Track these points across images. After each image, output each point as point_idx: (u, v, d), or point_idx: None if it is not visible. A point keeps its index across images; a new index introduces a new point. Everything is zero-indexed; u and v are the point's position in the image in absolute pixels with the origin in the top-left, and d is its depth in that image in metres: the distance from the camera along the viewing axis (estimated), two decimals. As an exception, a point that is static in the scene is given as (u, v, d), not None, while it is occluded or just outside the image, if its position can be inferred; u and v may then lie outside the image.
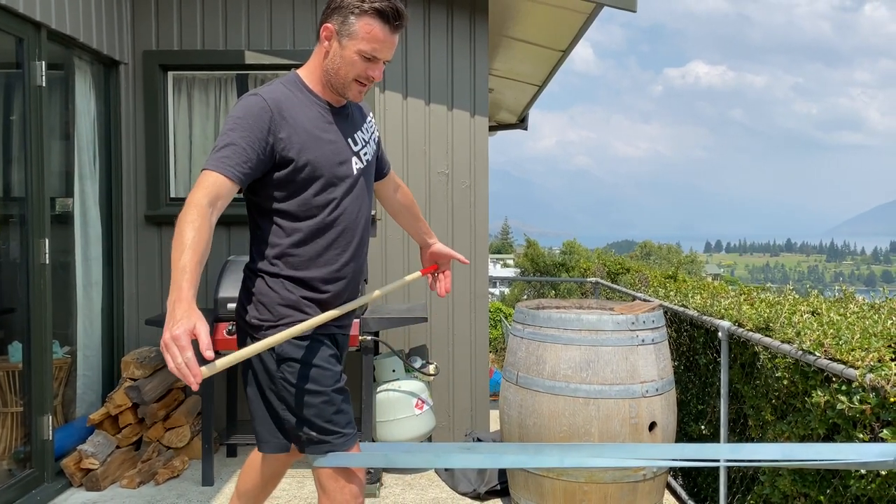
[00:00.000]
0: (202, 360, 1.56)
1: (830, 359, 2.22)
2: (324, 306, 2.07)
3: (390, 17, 1.94)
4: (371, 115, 2.29)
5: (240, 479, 2.40)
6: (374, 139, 2.25)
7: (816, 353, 2.28)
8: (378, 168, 2.33)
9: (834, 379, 2.22)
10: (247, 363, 2.08)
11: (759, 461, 2.33)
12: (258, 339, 2.01)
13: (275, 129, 1.93)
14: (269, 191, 2.00)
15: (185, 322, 1.54)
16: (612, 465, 1.93)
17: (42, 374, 3.52)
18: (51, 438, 3.59)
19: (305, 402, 2.00)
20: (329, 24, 1.97)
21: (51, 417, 3.58)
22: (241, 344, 2.08)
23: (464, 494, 3.64)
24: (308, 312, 2.03)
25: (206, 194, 1.78)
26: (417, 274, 2.46)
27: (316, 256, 2.04)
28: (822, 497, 2.34)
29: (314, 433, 2.01)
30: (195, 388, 1.52)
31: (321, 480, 2.04)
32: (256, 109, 1.92)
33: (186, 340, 1.51)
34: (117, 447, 3.85)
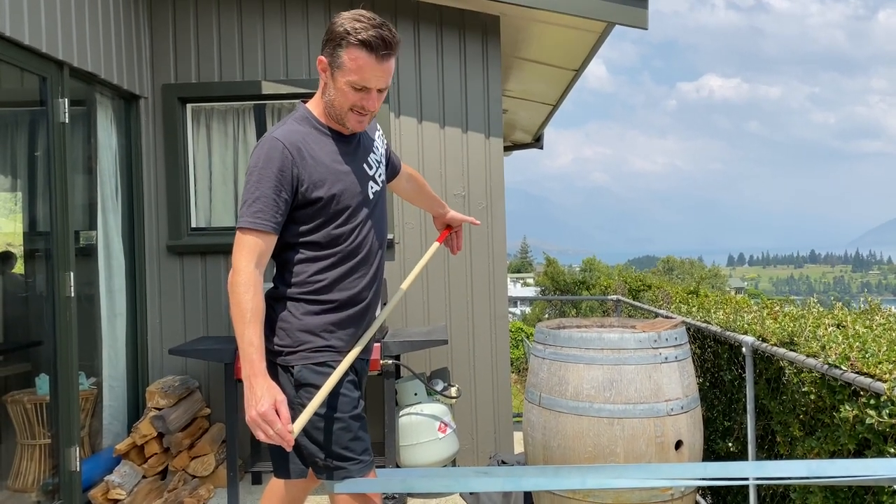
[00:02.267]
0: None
1: (857, 372, 2.19)
2: (344, 328, 2.08)
3: (375, 47, 1.93)
4: (378, 129, 2.32)
5: None
6: (384, 154, 2.30)
7: (843, 367, 2.24)
8: (391, 171, 2.42)
9: (862, 393, 2.18)
10: None
11: (786, 479, 2.29)
12: (279, 365, 2.05)
13: (297, 172, 1.97)
14: (294, 227, 2.04)
15: (267, 398, 1.79)
16: (634, 485, 1.90)
17: (69, 406, 3.56)
18: (78, 469, 3.61)
19: (322, 427, 2.01)
20: (322, 57, 2.00)
21: (78, 449, 3.61)
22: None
23: (490, 518, 3.61)
24: (325, 338, 2.05)
25: (250, 258, 1.90)
26: (436, 245, 2.56)
27: (339, 281, 2.07)
28: (855, 514, 2.29)
29: (331, 459, 2.02)
30: (289, 449, 1.84)
31: None
32: (277, 155, 1.95)
33: (273, 415, 1.77)
34: (144, 477, 3.87)
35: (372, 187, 2.14)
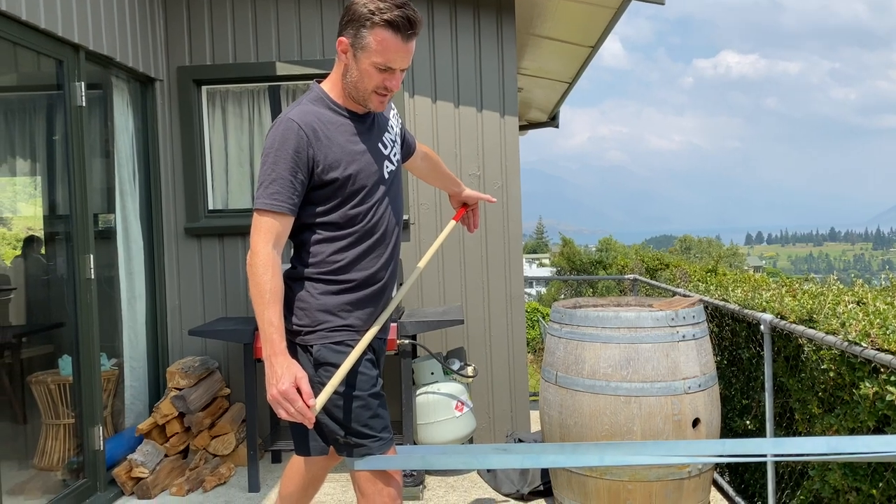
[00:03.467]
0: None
1: (878, 349, 2.17)
2: (361, 307, 2.10)
3: (402, 28, 1.93)
4: (393, 108, 2.31)
5: (282, 483, 2.44)
6: (399, 132, 2.29)
7: (863, 344, 2.23)
8: (406, 150, 2.41)
9: (882, 370, 2.17)
10: None
11: (805, 455, 2.29)
12: (297, 345, 2.07)
13: (312, 153, 1.97)
14: (311, 207, 2.04)
15: (287, 376, 1.80)
16: (652, 462, 1.90)
17: (91, 386, 3.62)
18: (102, 448, 3.68)
19: (342, 406, 2.03)
20: (343, 38, 1.99)
21: (101, 428, 3.67)
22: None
23: (507, 496, 3.64)
24: (343, 317, 2.06)
25: (268, 240, 1.90)
26: (452, 223, 2.55)
27: (356, 261, 2.08)
28: (874, 491, 2.28)
29: (351, 437, 2.04)
30: (311, 426, 1.85)
31: (359, 483, 2.06)
32: (292, 136, 1.95)
33: (294, 393, 1.79)
34: (165, 456, 3.94)
35: (387, 167, 2.14)
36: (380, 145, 2.14)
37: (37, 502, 3.28)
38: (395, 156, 2.20)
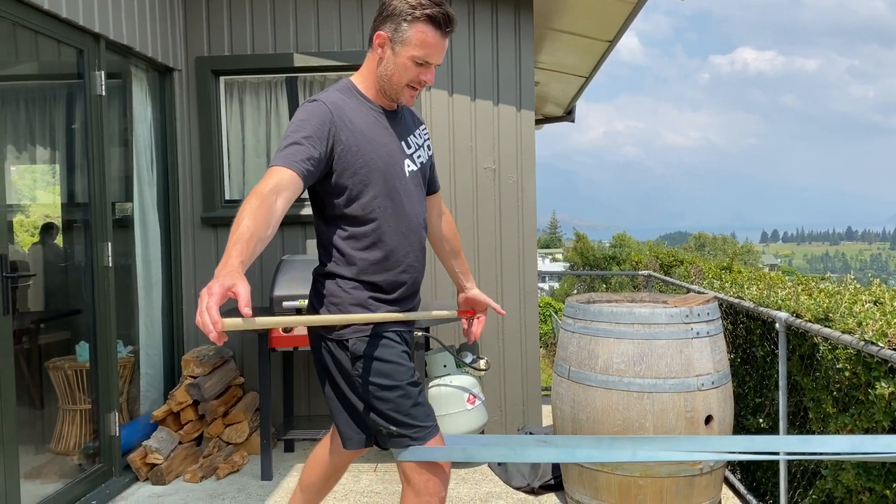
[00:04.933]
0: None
1: (895, 349, 2.16)
2: (389, 306, 2.12)
3: (442, 23, 1.99)
4: (424, 125, 2.33)
5: (304, 473, 2.46)
6: (427, 147, 2.28)
7: (880, 344, 2.21)
8: (428, 183, 2.33)
9: (898, 370, 2.16)
10: (322, 364, 2.14)
11: (818, 454, 2.28)
12: (332, 341, 2.08)
13: (335, 131, 1.98)
14: (331, 198, 2.06)
15: (225, 280, 1.50)
16: (686, 458, 1.90)
17: (108, 373, 3.66)
18: (118, 434, 3.73)
19: (382, 397, 2.04)
20: (382, 32, 2.03)
21: (117, 414, 3.72)
22: (314, 346, 2.16)
23: (518, 489, 3.65)
24: (375, 310, 2.08)
25: (270, 184, 1.81)
26: (452, 314, 2.37)
27: (382, 259, 2.08)
28: (888, 492, 2.27)
29: (394, 427, 2.04)
30: (213, 336, 1.44)
31: (406, 473, 2.07)
32: (318, 112, 1.98)
33: (218, 291, 1.47)
34: (180, 443, 3.98)
35: (409, 165, 2.14)
36: (403, 143, 2.15)
37: (53, 486, 3.33)
38: (418, 158, 2.19)
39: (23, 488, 3.00)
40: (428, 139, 2.30)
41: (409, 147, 2.16)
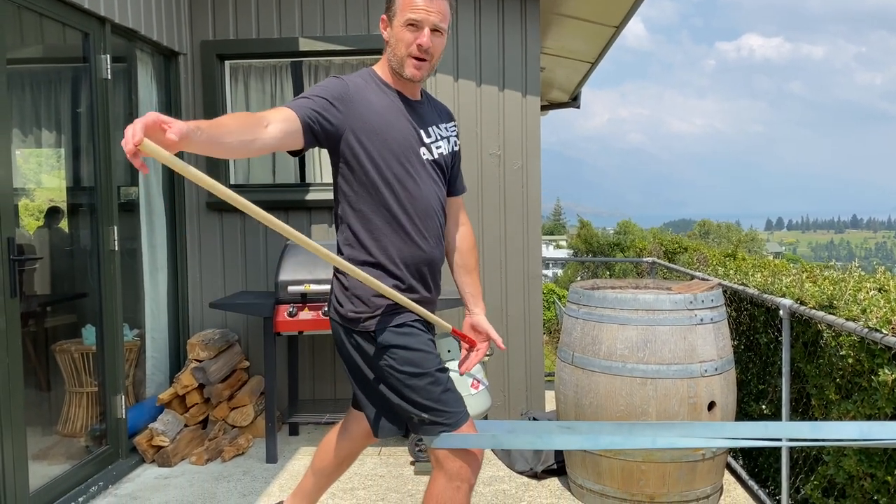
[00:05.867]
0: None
1: (898, 336, 2.16)
2: (411, 288, 2.13)
3: None
4: (454, 122, 2.32)
5: (315, 457, 2.49)
6: (453, 142, 2.26)
7: (883, 331, 2.22)
8: (449, 181, 2.29)
9: (902, 357, 2.16)
10: (349, 357, 2.15)
11: (820, 441, 2.29)
12: (358, 333, 2.09)
13: (349, 102, 2.01)
14: (347, 185, 2.07)
15: (164, 118, 1.45)
16: (704, 445, 1.92)
17: (114, 356, 3.69)
18: (124, 417, 3.76)
19: (412, 385, 2.05)
20: (383, 16, 2.11)
21: (123, 397, 3.74)
22: (339, 340, 2.16)
23: (521, 473, 3.68)
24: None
25: (266, 111, 1.85)
26: (447, 327, 2.23)
27: (400, 244, 2.09)
28: (889, 478, 2.29)
29: (426, 415, 2.05)
30: (129, 149, 1.37)
31: (439, 459, 2.08)
32: (335, 82, 2.04)
33: (152, 117, 1.42)
34: (185, 426, 4.01)
35: (425, 154, 2.13)
36: (422, 131, 2.14)
37: (61, 467, 3.36)
38: (437, 149, 2.17)
39: (31, 469, 3.03)
40: (455, 135, 2.29)
41: (428, 136, 2.16)
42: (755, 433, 1.94)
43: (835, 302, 2.63)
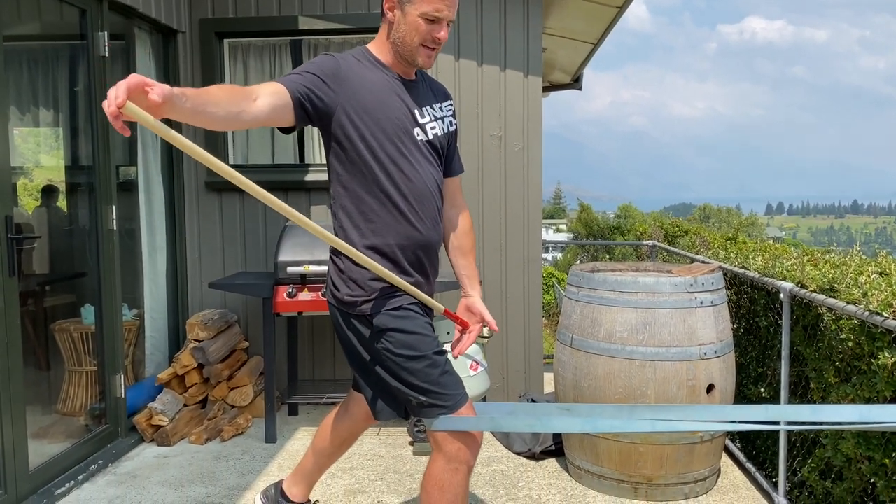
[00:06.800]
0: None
1: (899, 320, 2.16)
2: (407, 271, 2.12)
3: None
4: (451, 100, 2.30)
5: (316, 437, 2.49)
6: (449, 122, 2.23)
7: (884, 314, 2.21)
8: (446, 162, 2.27)
9: (902, 340, 2.16)
10: (347, 341, 2.14)
11: (819, 424, 2.29)
12: (354, 317, 2.09)
13: (341, 80, 1.98)
14: (341, 166, 2.05)
15: (149, 81, 1.44)
16: (705, 428, 1.93)
17: (113, 336, 3.69)
18: (123, 396, 3.76)
19: (410, 368, 2.04)
20: None
21: (122, 376, 3.75)
22: (336, 323, 2.16)
23: (519, 454, 3.69)
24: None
25: (256, 85, 1.84)
26: (440, 308, 2.20)
27: (394, 225, 2.07)
28: (887, 460, 2.29)
29: (424, 397, 2.05)
30: (111, 111, 1.36)
31: (438, 441, 2.08)
32: (327, 59, 2.01)
33: (135, 79, 1.41)
34: (185, 405, 4.02)
35: (419, 135, 2.10)
36: (416, 111, 2.11)
37: (60, 446, 3.37)
38: (433, 129, 2.15)
39: (30, 448, 3.04)
40: (451, 114, 2.26)
41: (422, 116, 2.12)
42: (755, 416, 1.94)
43: (836, 285, 2.62)
